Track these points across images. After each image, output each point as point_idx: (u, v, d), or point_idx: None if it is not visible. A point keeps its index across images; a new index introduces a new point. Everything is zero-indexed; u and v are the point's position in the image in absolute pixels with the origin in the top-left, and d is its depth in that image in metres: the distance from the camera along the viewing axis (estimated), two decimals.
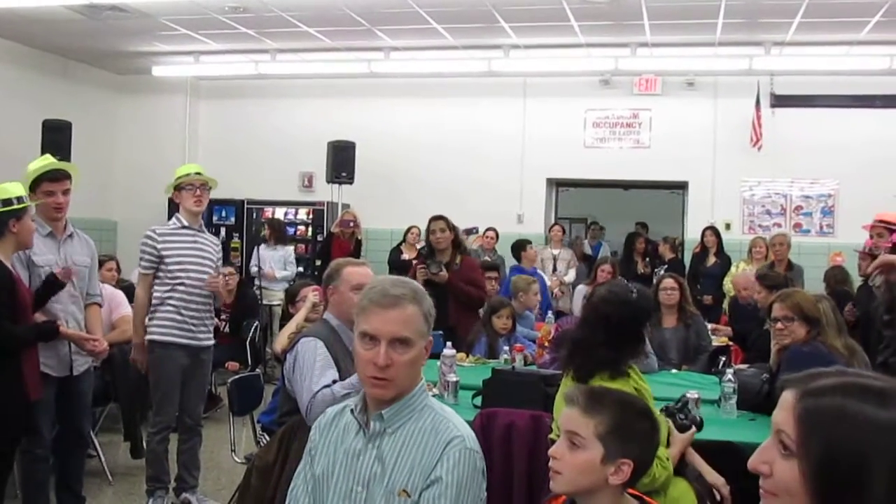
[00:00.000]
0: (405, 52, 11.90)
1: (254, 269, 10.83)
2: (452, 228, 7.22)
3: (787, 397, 1.39)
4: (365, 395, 2.49)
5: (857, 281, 8.42)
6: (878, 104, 11.65)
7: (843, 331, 4.92)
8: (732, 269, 10.09)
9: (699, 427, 3.79)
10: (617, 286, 3.90)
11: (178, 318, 5.57)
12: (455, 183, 12.42)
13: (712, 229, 10.98)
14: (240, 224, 13.10)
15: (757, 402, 4.71)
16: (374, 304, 2.43)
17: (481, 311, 6.96)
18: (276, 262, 11.04)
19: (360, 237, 10.86)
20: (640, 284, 3.71)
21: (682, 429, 3.72)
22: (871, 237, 7.21)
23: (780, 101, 11.95)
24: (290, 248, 11.55)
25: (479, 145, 12.60)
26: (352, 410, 2.52)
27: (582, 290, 9.51)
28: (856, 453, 1.30)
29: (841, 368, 1.47)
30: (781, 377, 2.23)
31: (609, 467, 2.35)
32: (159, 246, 5.59)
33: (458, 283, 6.95)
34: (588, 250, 13.19)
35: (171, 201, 6.48)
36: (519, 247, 10.85)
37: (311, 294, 5.78)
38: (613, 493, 2.39)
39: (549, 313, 8.41)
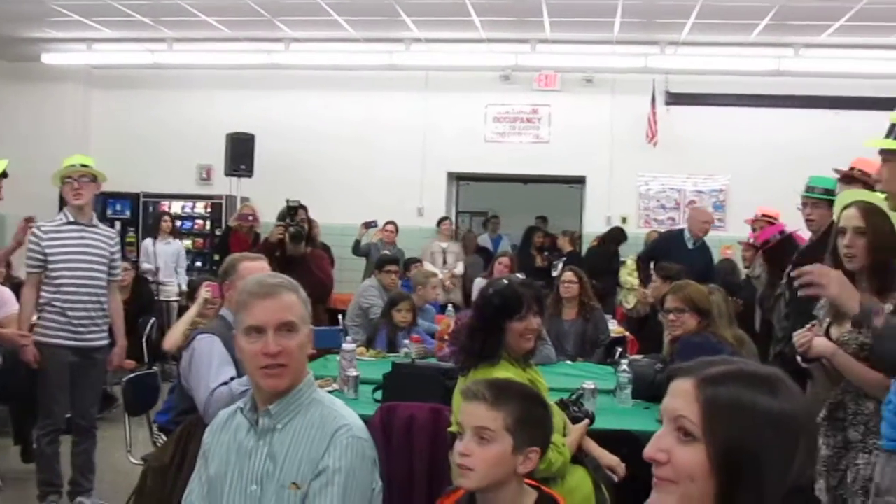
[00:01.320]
0: (306, 43, 11.82)
1: (145, 266, 10.64)
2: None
3: (684, 385, 1.42)
4: (254, 395, 2.49)
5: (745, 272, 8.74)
6: (767, 103, 12.05)
7: (733, 322, 5.09)
8: (627, 261, 10.31)
9: (591, 419, 3.88)
10: (500, 278, 3.96)
11: (63, 319, 5.38)
12: (356, 176, 12.38)
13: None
14: (135, 218, 12.80)
15: (651, 391, 4.85)
16: (254, 296, 2.45)
17: (377, 302, 6.99)
18: (170, 256, 10.90)
19: (258, 231, 10.74)
20: (528, 278, 3.75)
21: (576, 421, 3.81)
22: (754, 230, 7.47)
23: (674, 98, 12.26)
24: (181, 243, 11.42)
25: (380, 139, 12.57)
26: (241, 410, 2.52)
27: (480, 282, 9.58)
28: (753, 442, 1.36)
29: (725, 357, 1.52)
30: (670, 366, 2.29)
31: (519, 457, 2.42)
32: (44, 244, 5.38)
33: (312, 262, 6.95)
34: (488, 243, 13.29)
35: (61, 195, 6.29)
36: None
37: (203, 290, 5.63)
38: (518, 483, 2.46)
39: (450, 307, 8.47)
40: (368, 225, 11.28)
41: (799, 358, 3.40)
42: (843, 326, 3.37)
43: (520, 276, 3.81)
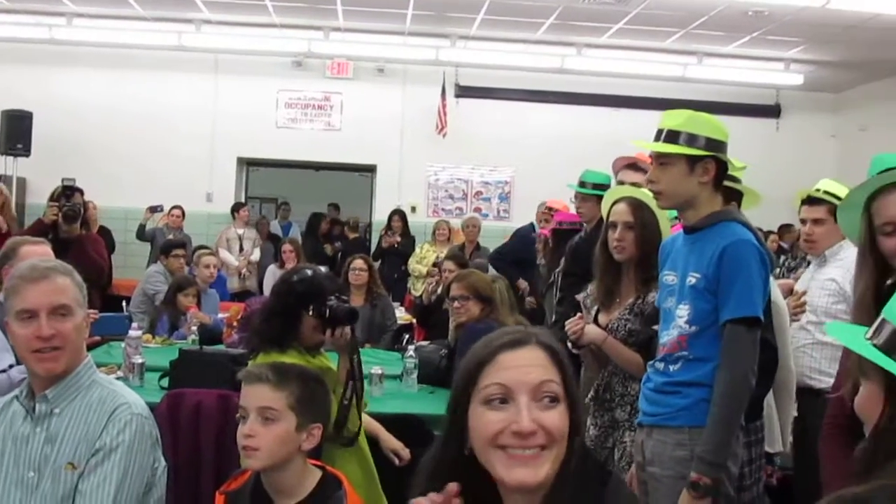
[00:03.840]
0: (90, 19, 11.28)
1: None
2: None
3: (534, 353, 1.56)
4: (30, 381, 2.45)
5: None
6: (551, 100, 12.59)
7: (515, 309, 5.33)
8: (417, 250, 10.52)
9: None
10: (304, 267, 3.98)
11: None
12: (142, 159, 11.94)
13: (399, 213, 11.41)
14: None
15: (437, 376, 5.02)
16: (25, 280, 2.40)
17: (163, 288, 6.85)
18: None
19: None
20: (320, 266, 3.80)
21: None
22: (539, 221, 7.81)
23: (464, 91, 12.59)
24: None
25: (167, 122, 12.17)
26: (17, 397, 2.47)
27: (272, 269, 9.54)
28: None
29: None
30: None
31: (302, 434, 2.52)
32: None
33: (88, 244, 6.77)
34: (278, 230, 13.19)
35: None
36: None
37: None
38: (303, 462, 2.55)
39: None
40: (154, 209, 10.94)
41: (570, 344, 3.64)
42: (612, 313, 3.63)
43: (322, 268, 3.84)
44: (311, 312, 3.28)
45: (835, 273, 4.14)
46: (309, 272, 3.47)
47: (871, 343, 1.46)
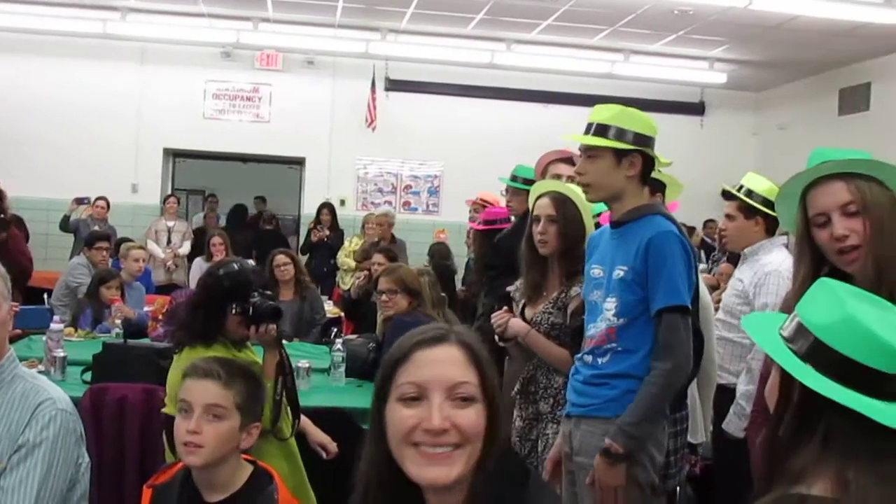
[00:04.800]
0: (12, 4, 11.01)
1: None
2: None
3: (451, 352, 1.56)
4: None
5: (461, 257, 9.19)
6: (480, 94, 12.65)
7: (442, 303, 5.36)
8: (346, 243, 10.50)
9: None
10: (231, 261, 3.95)
11: None
12: (68, 149, 11.68)
13: (328, 206, 11.36)
14: None
15: (364, 369, 5.03)
16: None
17: (86, 281, 6.74)
18: None
19: None
20: (248, 260, 3.78)
21: None
22: (470, 212, 7.84)
23: (394, 85, 12.60)
24: None
25: (92, 111, 11.91)
26: None
27: (199, 262, 9.43)
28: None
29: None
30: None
31: (243, 433, 2.54)
32: None
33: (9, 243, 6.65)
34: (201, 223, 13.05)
35: None
36: None
37: None
38: (237, 457, 2.55)
39: None
40: (80, 201, 10.73)
41: (497, 337, 3.68)
42: (537, 307, 3.68)
43: (249, 261, 3.81)
44: (234, 311, 3.27)
45: (745, 274, 4.17)
46: (235, 266, 3.44)
47: (781, 333, 1.51)
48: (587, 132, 3.07)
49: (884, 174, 2.13)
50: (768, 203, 4.00)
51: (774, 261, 4.00)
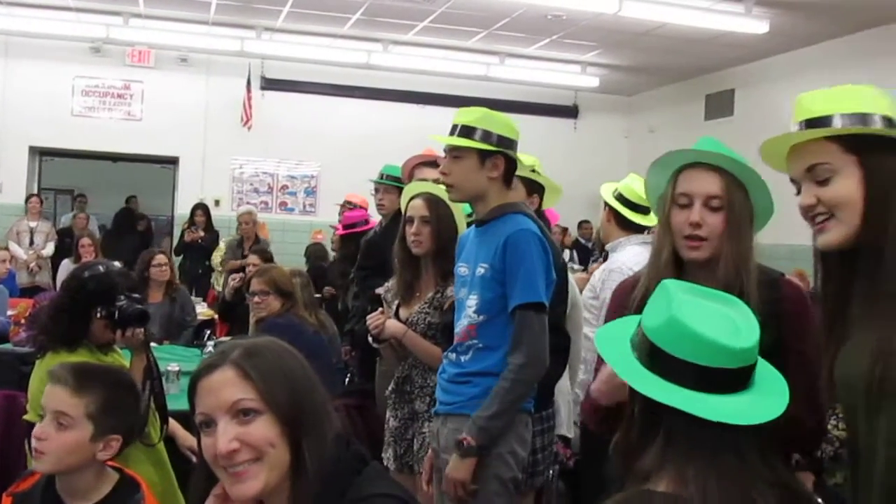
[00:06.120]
0: None
1: None
2: None
3: (225, 376, 1.61)
4: None
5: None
6: (357, 95, 12.64)
7: (314, 304, 5.35)
8: (220, 244, 10.33)
9: None
10: (96, 262, 3.85)
11: None
12: None
13: (202, 207, 11.16)
14: None
15: None
16: None
17: None
18: None
19: None
20: (114, 262, 3.67)
21: None
22: (339, 213, 7.84)
23: (270, 84, 12.50)
24: None
25: None
26: None
27: (66, 264, 9.13)
28: (303, 396, 1.65)
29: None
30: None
31: (98, 444, 2.40)
32: None
33: None
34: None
35: None
36: None
37: None
38: (98, 466, 2.45)
39: None
40: None
41: (371, 338, 3.69)
42: (412, 307, 3.71)
43: (116, 263, 3.71)
44: (99, 315, 3.18)
45: (598, 271, 4.30)
46: (101, 268, 3.35)
47: (631, 340, 1.58)
48: (452, 133, 3.12)
49: (752, 184, 2.18)
50: (622, 199, 4.14)
51: (621, 258, 4.10)
